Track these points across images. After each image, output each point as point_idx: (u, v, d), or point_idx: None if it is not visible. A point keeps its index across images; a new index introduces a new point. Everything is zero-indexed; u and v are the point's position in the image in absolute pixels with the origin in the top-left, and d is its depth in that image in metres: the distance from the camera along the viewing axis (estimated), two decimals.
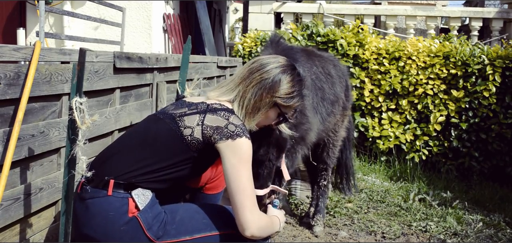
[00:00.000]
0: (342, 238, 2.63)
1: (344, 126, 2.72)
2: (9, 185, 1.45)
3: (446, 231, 2.80)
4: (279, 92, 1.45)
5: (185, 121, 1.39)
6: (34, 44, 1.55)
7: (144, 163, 1.37)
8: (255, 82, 1.44)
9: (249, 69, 1.47)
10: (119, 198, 1.34)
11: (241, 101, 1.45)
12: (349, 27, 4.56)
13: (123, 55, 2.10)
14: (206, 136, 1.36)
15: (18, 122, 1.43)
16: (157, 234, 1.34)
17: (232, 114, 1.39)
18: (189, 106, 1.43)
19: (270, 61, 1.49)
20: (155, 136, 1.40)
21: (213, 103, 1.42)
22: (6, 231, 1.49)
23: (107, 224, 1.33)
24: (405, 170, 4.06)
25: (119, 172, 1.36)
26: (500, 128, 4.08)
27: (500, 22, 5.50)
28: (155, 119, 1.46)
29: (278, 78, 1.45)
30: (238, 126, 1.37)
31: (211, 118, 1.37)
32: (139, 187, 1.36)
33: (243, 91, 1.45)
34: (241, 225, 1.33)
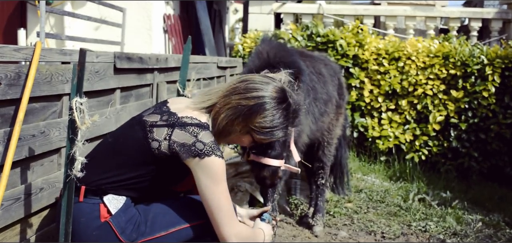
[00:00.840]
0: (342, 238, 2.64)
1: (339, 124, 2.72)
2: (9, 185, 1.45)
3: (445, 231, 2.81)
4: (255, 124, 1.33)
5: (153, 133, 1.32)
6: (34, 45, 1.56)
7: (111, 172, 1.36)
8: (231, 105, 1.33)
9: (233, 88, 1.36)
10: (90, 204, 1.34)
11: (214, 117, 1.35)
12: (348, 27, 4.57)
13: (123, 56, 2.11)
14: (173, 151, 1.30)
15: (18, 122, 1.43)
16: (131, 237, 1.34)
17: (202, 131, 1.30)
18: (162, 114, 1.36)
19: (258, 86, 1.34)
20: (124, 144, 1.38)
21: (184, 117, 1.33)
22: (6, 231, 1.49)
23: (79, 230, 1.34)
24: (404, 170, 4.06)
25: (90, 179, 1.36)
26: (500, 128, 4.09)
27: (499, 23, 5.50)
28: (131, 124, 1.43)
29: (256, 109, 1.31)
30: (207, 144, 1.28)
31: (178, 134, 1.30)
32: (110, 193, 1.36)
33: (219, 109, 1.35)
34: (221, 239, 1.33)
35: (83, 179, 1.35)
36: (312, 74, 2.37)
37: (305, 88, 2.24)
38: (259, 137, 1.37)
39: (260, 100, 1.33)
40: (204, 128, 1.32)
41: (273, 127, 1.34)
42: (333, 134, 2.66)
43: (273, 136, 1.37)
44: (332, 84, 2.56)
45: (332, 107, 2.54)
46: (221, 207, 1.30)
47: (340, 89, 2.68)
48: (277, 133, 1.37)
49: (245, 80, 1.37)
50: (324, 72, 2.51)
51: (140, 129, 1.36)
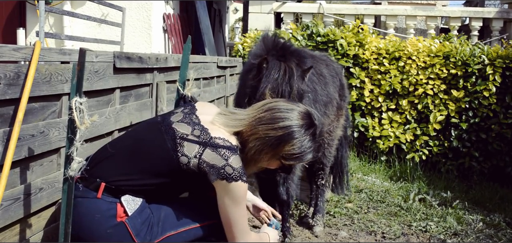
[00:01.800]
0: (342, 238, 2.63)
1: (339, 125, 2.70)
2: (9, 185, 1.45)
3: (446, 231, 2.80)
4: (284, 152, 1.35)
5: (184, 148, 1.32)
6: (34, 44, 1.55)
7: (133, 175, 1.36)
8: (259, 135, 1.34)
9: (259, 118, 1.35)
10: (107, 202, 1.34)
11: (242, 144, 1.36)
12: (349, 27, 4.56)
13: (123, 55, 2.10)
14: (201, 170, 1.32)
15: (18, 122, 1.43)
16: (145, 239, 1.35)
17: (233, 154, 1.32)
18: (193, 127, 1.35)
19: (284, 115, 1.34)
20: (149, 151, 1.37)
21: (216, 138, 1.33)
22: (6, 231, 1.49)
23: (92, 226, 1.34)
24: (405, 170, 4.06)
25: (110, 177, 1.36)
26: (500, 128, 4.08)
27: (500, 22, 5.50)
28: (156, 128, 1.40)
29: (285, 138, 1.33)
30: (236, 168, 1.30)
31: (209, 155, 1.31)
32: (128, 193, 1.36)
33: (247, 138, 1.35)
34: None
35: (102, 175, 1.36)
36: (312, 75, 2.35)
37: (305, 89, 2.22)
38: (288, 162, 1.40)
39: (288, 130, 1.34)
40: (234, 152, 1.33)
41: (302, 152, 1.37)
42: (333, 135, 2.65)
43: (302, 160, 1.40)
44: (333, 85, 2.54)
45: (332, 109, 2.52)
46: (238, 225, 1.36)
47: (342, 90, 2.66)
48: (306, 157, 1.40)
49: (271, 109, 1.37)
50: (325, 73, 2.49)
51: (170, 139, 1.34)
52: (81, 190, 1.38)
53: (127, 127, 2.17)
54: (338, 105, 2.61)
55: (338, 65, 2.80)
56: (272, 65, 1.86)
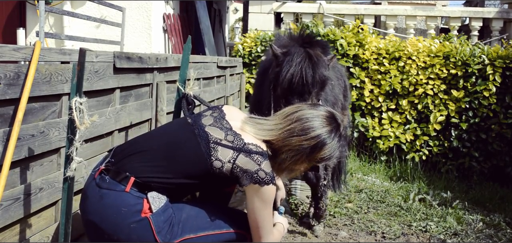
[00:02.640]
0: (342, 238, 2.63)
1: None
2: (9, 185, 1.45)
3: (446, 231, 2.80)
4: (317, 157, 1.42)
5: (218, 152, 1.37)
6: (34, 44, 1.55)
7: (163, 173, 1.38)
8: (292, 146, 1.39)
9: (289, 130, 1.40)
10: (134, 196, 1.35)
11: (274, 155, 1.41)
12: (349, 27, 4.56)
13: (123, 55, 2.10)
14: (234, 174, 1.37)
15: (18, 121, 1.43)
16: (165, 238, 1.37)
17: (265, 160, 1.38)
18: (226, 132, 1.41)
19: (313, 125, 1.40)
20: (182, 152, 1.40)
21: (249, 144, 1.39)
22: (6, 231, 1.49)
23: (118, 218, 1.34)
24: (405, 170, 4.06)
25: (140, 172, 1.38)
26: (500, 128, 4.08)
27: (500, 22, 5.50)
28: (189, 129, 1.44)
29: (319, 146, 1.40)
30: (268, 173, 1.37)
31: (243, 160, 1.36)
32: (154, 190, 1.38)
33: (278, 149, 1.41)
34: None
35: (132, 169, 1.37)
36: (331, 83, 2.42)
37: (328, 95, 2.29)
38: (319, 164, 1.48)
39: (320, 138, 1.40)
40: (266, 157, 1.39)
41: (332, 153, 1.45)
42: None
43: (331, 159, 1.48)
44: (339, 87, 2.59)
45: (338, 110, 2.56)
46: (265, 225, 1.42)
47: (346, 91, 2.72)
48: (335, 156, 1.48)
49: (300, 119, 1.42)
50: (331, 75, 2.51)
51: (204, 143, 1.38)
52: (108, 182, 1.37)
53: (127, 127, 2.17)
54: (342, 106, 2.66)
55: (342, 67, 2.87)
56: (295, 51, 1.93)
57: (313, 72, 1.87)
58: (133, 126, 2.22)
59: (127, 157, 1.41)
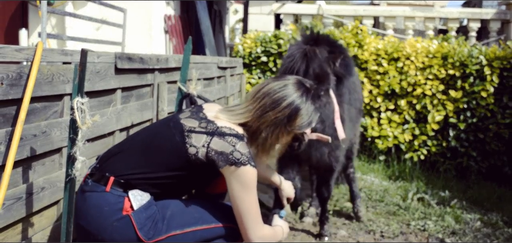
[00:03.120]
0: (341, 237, 2.65)
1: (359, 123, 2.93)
2: (11, 184, 1.46)
3: (444, 230, 2.82)
4: (296, 126, 1.41)
5: (192, 139, 1.37)
6: (36, 45, 1.57)
7: (142, 169, 1.38)
8: (269, 121, 1.39)
9: (261, 107, 1.39)
10: (115, 195, 1.37)
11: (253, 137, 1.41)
12: (348, 28, 4.58)
13: (124, 56, 2.12)
14: (210, 158, 1.35)
15: (20, 121, 1.44)
16: (148, 234, 1.36)
17: (240, 141, 1.36)
18: (200, 121, 1.41)
19: (283, 93, 1.39)
20: (159, 145, 1.40)
21: (223, 126, 1.38)
22: (8, 230, 1.50)
23: (101, 218, 1.36)
24: (403, 170, 4.07)
25: (120, 171, 1.39)
26: (498, 128, 4.10)
27: (498, 23, 5.52)
28: (166, 126, 1.45)
29: (294, 112, 1.39)
30: (244, 154, 1.34)
31: (217, 143, 1.35)
32: (137, 188, 1.38)
33: (256, 128, 1.40)
34: (246, 239, 1.41)
35: (112, 170, 1.39)
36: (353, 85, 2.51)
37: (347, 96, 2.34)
38: (300, 132, 1.46)
39: (293, 105, 1.40)
40: (242, 139, 1.37)
41: (310, 118, 1.43)
42: (357, 133, 2.89)
43: (311, 124, 1.46)
44: (360, 91, 2.77)
45: (361, 113, 2.78)
46: (249, 213, 1.37)
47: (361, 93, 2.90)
48: (314, 120, 1.46)
49: (267, 93, 1.41)
50: (356, 81, 2.67)
51: (178, 133, 1.38)
52: (90, 185, 1.40)
53: (129, 127, 2.19)
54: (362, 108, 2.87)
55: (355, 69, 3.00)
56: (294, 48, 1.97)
57: (306, 68, 1.89)
58: (134, 126, 2.24)
59: (109, 159, 1.43)
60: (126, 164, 1.40)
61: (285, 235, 1.58)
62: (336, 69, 2.04)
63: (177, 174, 1.40)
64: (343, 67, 2.07)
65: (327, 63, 1.94)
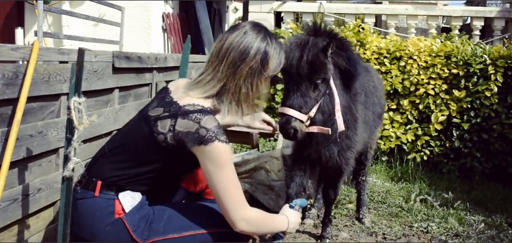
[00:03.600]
0: (343, 239, 2.62)
1: (378, 128, 2.86)
2: (7, 185, 1.44)
3: (447, 232, 2.79)
4: (269, 69, 1.39)
5: (158, 126, 1.33)
6: (32, 44, 1.54)
7: (124, 169, 1.37)
8: (245, 74, 1.34)
9: (231, 63, 1.34)
10: (105, 199, 1.35)
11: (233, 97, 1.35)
12: (349, 26, 4.54)
13: (122, 55, 2.09)
14: (179, 141, 1.31)
15: (16, 122, 1.42)
16: (143, 235, 1.35)
17: (205, 116, 1.30)
18: (165, 106, 1.36)
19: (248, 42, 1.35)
20: (133, 142, 1.38)
21: (186, 105, 1.33)
22: (4, 231, 1.48)
23: (93, 223, 1.35)
24: (406, 171, 4.04)
25: (105, 174, 1.37)
26: (502, 128, 4.06)
27: (502, 22, 5.48)
28: (137, 121, 1.43)
29: (264, 56, 1.36)
30: (210, 129, 1.28)
31: (182, 123, 1.30)
32: (127, 189, 1.36)
33: (235, 89, 1.35)
34: (230, 223, 1.35)
35: (98, 174, 1.37)
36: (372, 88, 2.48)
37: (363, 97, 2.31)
38: (274, 73, 1.43)
39: (262, 50, 1.37)
40: (207, 113, 1.31)
41: (279, 56, 1.41)
42: (375, 138, 2.83)
43: (282, 61, 1.44)
44: (382, 95, 2.71)
45: (381, 118, 2.73)
46: (227, 193, 1.30)
47: (383, 98, 2.84)
48: (282, 56, 1.44)
49: (232, 48, 1.35)
50: (377, 85, 2.62)
51: (146, 124, 1.36)
52: (80, 192, 1.39)
53: None
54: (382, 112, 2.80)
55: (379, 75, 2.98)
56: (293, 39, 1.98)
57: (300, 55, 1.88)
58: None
59: (94, 163, 1.41)
60: (110, 166, 1.38)
61: (292, 227, 1.47)
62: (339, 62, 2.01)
63: (157, 166, 1.37)
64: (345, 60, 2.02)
65: (323, 53, 1.91)
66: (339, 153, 2.18)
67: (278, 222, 1.44)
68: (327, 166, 2.25)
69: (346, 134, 2.13)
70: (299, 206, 1.55)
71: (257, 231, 1.38)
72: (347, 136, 2.15)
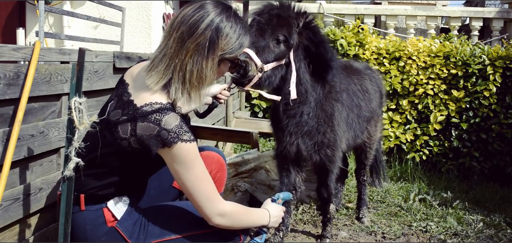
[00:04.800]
0: (343, 238, 2.63)
1: (378, 129, 2.87)
2: (8, 185, 1.45)
3: (446, 231, 2.80)
4: (223, 49, 1.23)
5: (119, 132, 1.25)
6: (33, 44, 1.55)
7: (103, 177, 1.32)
8: (191, 51, 1.20)
9: (180, 38, 1.21)
10: (92, 211, 1.32)
11: (180, 79, 1.22)
12: (349, 27, 4.56)
13: (122, 55, 2.10)
14: (144, 144, 1.24)
15: (17, 121, 1.43)
16: (139, 238, 1.33)
17: (165, 115, 1.21)
18: (123, 106, 1.26)
19: (200, 15, 1.21)
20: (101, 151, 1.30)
21: (143, 105, 1.23)
22: (5, 231, 1.49)
23: (87, 237, 1.32)
24: (405, 170, 4.05)
25: (86, 186, 1.33)
26: (501, 128, 4.08)
27: (501, 22, 5.49)
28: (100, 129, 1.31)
29: (215, 33, 1.21)
30: (171, 130, 1.20)
31: (142, 127, 1.22)
32: (112, 196, 1.33)
33: (180, 66, 1.21)
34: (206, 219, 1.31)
35: (79, 187, 1.33)
36: (359, 91, 2.47)
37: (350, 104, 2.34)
38: (231, 56, 1.28)
39: (213, 25, 1.21)
40: (167, 111, 1.22)
41: (239, 38, 1.26)
42: (374, 139, 2.82)
43: (243, 46, 1.29)
44: (376, 99, 2.68)
45: (374, 121, 2.70)
46: (197, 190, 1.25)
47: (381, 99, 2.82)
48: (245, 41, 1.29)
49: (183, 22, 1.23)
50: (369, 88, 2.61)
51: (108, 131, 1.28)
52: None
53: None
54: (377, 114, 2.78)
55: (379, 76, 2.90)
56: None
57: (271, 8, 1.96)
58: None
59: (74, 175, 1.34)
60: (88, 177, 1.33)
61: (274, 221, 1.41)
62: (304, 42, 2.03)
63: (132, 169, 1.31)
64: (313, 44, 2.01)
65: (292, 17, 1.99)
66: (316, 148, 2.18)
67: (257, 216, 1.39)
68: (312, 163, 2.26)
69: (317, 129, 2.14)
70: (282, 199, 1.51)
71: (234, 224, 1.32)
72: (319, 131, 2.15)
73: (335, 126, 2.20)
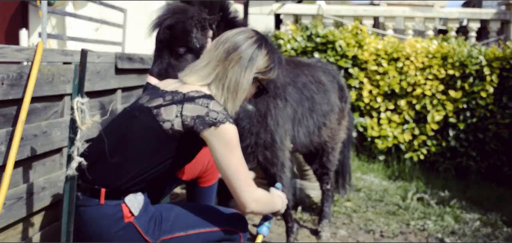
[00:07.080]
0: (341, 236, 2.66)
1: (342, 127, 2.64)
2: (12, 184, 1.47)
3: (443, 230, 2.83)
4: (259, 68, 1.40)
5: (162, 114, 1.32)
6: (36, 45, 1.57)
7: (127, 170, 1.34)
8: (234, 62, 1.37)
9: (225, 50, 1.38)
10: (111, 206, 1.33)
11: (220, 83, 1.37)
12: (348, 28, 4.59)
13: (124, 56, 2.13)
14: (187, 126, 1.30)
15: (20, 122, 1.45)
16: (154, 235, 1.36)
17: (211, 101, 1.32)
18: (163, 96, 1.36)
19: (244, 36, 1.41)
20: (133, 137, 1.35)
21: (189, 92, 1.34)
22: (8, 230, 1.51)
23: (102, 231, 1.34)
24: (403, 170, 4.08)
25: (107, 180, 1.34)
26: (497, 128, 4.11)
27: (498, 24, 5.52)
28: (130, 116, 1.39)
29: (255, 54, 1.39)
30: (219, 112, 1.31)
31: (189, 108, 1.31)
32: (131, 191, 1.35)
33: (223, 74, 1.37)
34: (241, 205, 1.35)
35: (100, 180, 1.34)
36: (310, 83, 2.32)
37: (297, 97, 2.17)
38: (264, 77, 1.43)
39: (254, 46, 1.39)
40: (212, 98, 1.34)
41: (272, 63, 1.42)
42: (336, 139, 2.58)
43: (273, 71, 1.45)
44: (334, 91, 2.49)
45: (334, 116, 2.47)
46: (238, 174, 1.32)
47: (341, 91, 2.59)
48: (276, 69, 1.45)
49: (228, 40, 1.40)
50: (323, 80, 2.43)
51: (146, 116, 1.34)
52: (81, 199, 1.36)
53: None
54: (340, 109, 2.55)
55: (334, 68, 2.73)
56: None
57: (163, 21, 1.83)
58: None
59: (91, 168, 1.36)
60: (110, 171, 1.35)
61: (284, 206, 1.50)
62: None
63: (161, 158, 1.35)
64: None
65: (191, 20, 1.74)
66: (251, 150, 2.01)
67: (277, 201, 1.47)
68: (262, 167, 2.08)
69: (249, 130, 1.97)
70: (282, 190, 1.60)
71: (263, 210, 1.41)
72: (251, 132, 1.98)
73: (270, 125, 2.02)
